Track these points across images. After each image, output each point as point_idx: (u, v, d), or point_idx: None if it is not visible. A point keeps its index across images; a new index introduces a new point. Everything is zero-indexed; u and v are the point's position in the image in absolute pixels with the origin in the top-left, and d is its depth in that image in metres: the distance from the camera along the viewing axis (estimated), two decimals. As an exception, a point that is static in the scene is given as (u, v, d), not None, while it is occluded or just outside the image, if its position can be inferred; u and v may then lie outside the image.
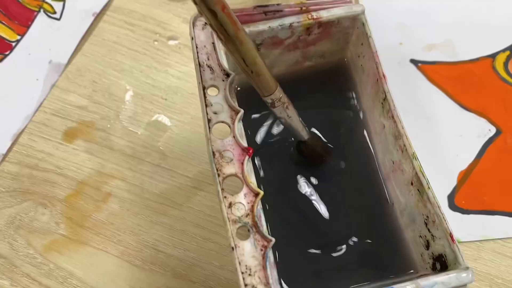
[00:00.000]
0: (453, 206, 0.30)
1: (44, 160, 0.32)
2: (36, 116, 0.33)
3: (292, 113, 0.23)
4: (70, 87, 0.34)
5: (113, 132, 0.32)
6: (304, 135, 0.24)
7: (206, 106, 0.21)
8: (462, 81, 0.34)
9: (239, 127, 0.21)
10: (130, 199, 0.30)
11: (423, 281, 0.19)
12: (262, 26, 0.23)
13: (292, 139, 0.25)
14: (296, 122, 0.23)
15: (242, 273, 0.18)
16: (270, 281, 0.18)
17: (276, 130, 0.26)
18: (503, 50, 0.35)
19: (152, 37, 0.35)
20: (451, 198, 0.30)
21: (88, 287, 0.28)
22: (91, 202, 0.30)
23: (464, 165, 0.31)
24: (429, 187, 0.21)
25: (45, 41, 0.35)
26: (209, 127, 0.21)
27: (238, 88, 0.25)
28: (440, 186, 0.30)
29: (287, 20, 0.23)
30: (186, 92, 0.34)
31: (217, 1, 0.18)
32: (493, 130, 0.32)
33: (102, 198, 0.30)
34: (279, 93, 0.22)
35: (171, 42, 0.35)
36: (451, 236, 0.20)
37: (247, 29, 0.23)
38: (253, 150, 0.21)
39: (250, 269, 0.18)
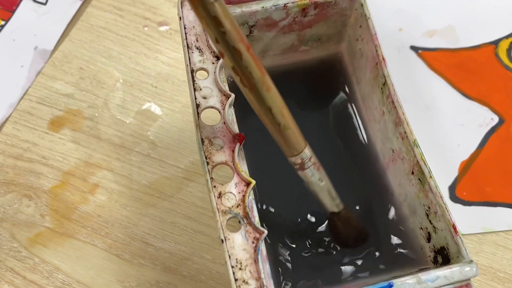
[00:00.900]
0: (454, 198, 0.29)
1: (29, 150, 0.30)
2: (20, 104, 0.32)
3: (324, 176, 0.20)
4: (56, 74, 0.32)
5: (101, 121, 0.31)
6: (337, 204, 0.21)
7: (195, 90, 0.20)
8: (463, 68, 0.33)
9: (230, 113, 0.20)
10: (118, 191, 0.29)
11: (424, 275, 0.18)
12: (255, 6, 0.22)
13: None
14: (329, 186, 0.20)
15: (232, 267, 0.17)
16: (262, 275, 0.17)
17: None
18: (506, 37, 0.33)
19: (141, 23, 0.34)
20: (452, 189, 0.29)
21: (75, 282, 0.27)
22: (78, 193, 0.29)
23: (465, 155, 0.30)
24: (431, 176, 0.20)
25: (31, 27, 0.34)
26: (198, 113, 0.19)
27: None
28: (441, 177, 0.29)
29: (281, 0, 0.22)
30: (177, 79, 0.32)
31: (240, 38, 0.15)
32: (496, 119, 0.31)
33: (89, 189, 0.29)
34: (309, 151, 0.19)
35: (161, 28, 0.34)
36: (454, 228, 0.19)
37: (239, 10, 0.22)
38: (244, 137, 0.19)
39: (241, 263, 0.17)
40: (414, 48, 0.33)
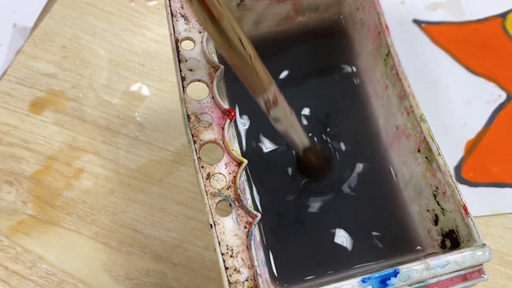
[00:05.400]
0: (460, 179, 0.28)
1: (9, 134, 0.29)
2: (-1, 85, 0.30)
3: (291, 110, 0.19)
4: (37, 53, 0.31)
5: (85, 102, 0.29)
6: (306, 139, 0.20)
7: (180, 61, 0.18)
8: (469, 42, 0.31)
9: (219, 87, 0.18)
10: (104, 175, 0.28)
11: (432, 261, 0.16)
12: (246, -29, 0.20)
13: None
14: (296, 122, 0.20)
15: (223, 254, 0.16)
16: (255, 263, 0.16)
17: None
18: (515, 9, 0.32)
19: (128, -3, 0.32)
20: (457, 170, 0.28)
21: (60, 272, 0.26)
22: (62, 178, 0.28)
23: (472, 134, 0.29)
24: (439, 154, 0.18)
25: (9, 2, 0.32)
26: (183, 86, 0.18)
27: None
28: (446, 157, 0.27)
29: (274, -36, 0.20)
30: (166, 57, 0.30)
31: None
32: (504, 95, 0.30)
33: (74, 174, 0.28)
34: (275, 86, 0.18)
35: (149, 3, 0.32)
36: (465, 209, 0.17)
37: (228, -26, 0.20)
38: (235, 112, 0.18)
39: (232, 250, 0.16)
40: (417, 22, 0.31)
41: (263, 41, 0.24)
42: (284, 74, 0.24)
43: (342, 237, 0.21)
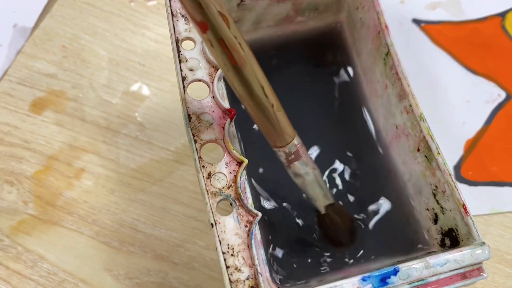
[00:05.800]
0: (459, 178, 0.28)
1: (9, 134, 0.29)
2: (0, 85, 0.30)
3: (313, 162, 0.18)
4: (37, 53, 0.31)
5: (85, 102, 0.29)
6: (329, 194, 0.19)
7: (180, 61, 0.18)
8: (469, 42, 0.31)
9: (219, 86, 0.18)
10: (105, 175, 0.28)
11: (432, 259, 0.16)
12: (246, -29, 0.20)
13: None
14: (320, 177, 0.18)
15: (224, 253, 0.16)
16: (256, 262, 0.16)
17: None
18: (514, 8, 0.32)
19: (128, -3, 0.32)
20: (457, 169, 0.28)
21: (60, 271, 0.26)
22: (62, 178, 0.28)
23: (471, 133, 0.29)
24: (439, 153, 0.18)
25: (9, 2, 0.32)
26: (184, 86, 0.18)
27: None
28: (446, 156, 0.28)
29: (274, -36, 0.20)
30: (166, 56, 0.30)
31: (223, 6, 0.13)
32: (503, 94, 0.30)
33: (75, 174, 0.28)
34: (298, 138, 0.17)
35: (149, 3, 0.32)
36: (464, 208, 0.17)
37: (228, -26, 0.20)
38: (236, 112, 0.18)
39: (232, 249, 0.16)
40: (416, 22, 0.32)
41: (263, 41, 0.24)
42: (283, 73, 0.24)
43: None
